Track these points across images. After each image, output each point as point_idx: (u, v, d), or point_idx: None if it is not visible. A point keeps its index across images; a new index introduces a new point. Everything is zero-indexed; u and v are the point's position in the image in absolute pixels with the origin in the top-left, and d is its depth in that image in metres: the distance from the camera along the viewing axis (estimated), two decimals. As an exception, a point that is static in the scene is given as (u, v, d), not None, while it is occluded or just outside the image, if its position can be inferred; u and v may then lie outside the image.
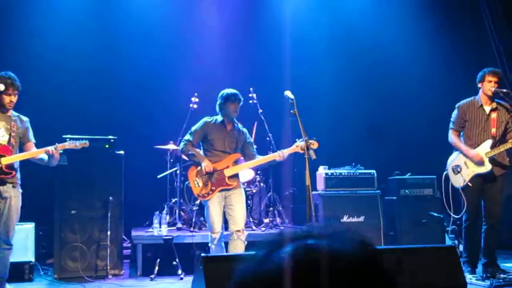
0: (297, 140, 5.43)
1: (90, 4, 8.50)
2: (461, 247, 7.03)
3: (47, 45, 8.02)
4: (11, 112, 5.22)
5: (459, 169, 5.81)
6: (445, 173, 5.99)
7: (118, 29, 8.47)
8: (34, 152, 5.23)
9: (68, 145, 5.38)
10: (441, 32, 9.18)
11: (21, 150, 5.29)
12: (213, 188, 5.48)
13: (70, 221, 6.31)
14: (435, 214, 7.34)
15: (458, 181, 5.82)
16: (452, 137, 5.97)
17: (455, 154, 5.94)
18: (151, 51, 8.55)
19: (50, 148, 5.18)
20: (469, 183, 5.71)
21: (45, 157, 5.25)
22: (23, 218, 6.18)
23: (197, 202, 7.03)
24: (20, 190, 5.21)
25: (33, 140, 5.39)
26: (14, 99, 5.11)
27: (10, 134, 5.12)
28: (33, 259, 6.21)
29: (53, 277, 6.22)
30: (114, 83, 8.30)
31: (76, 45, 8.20)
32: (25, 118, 5.37)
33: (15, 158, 5.11)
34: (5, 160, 5.02)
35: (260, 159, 5.61)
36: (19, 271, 6.08)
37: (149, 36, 8.57)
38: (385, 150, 8.77)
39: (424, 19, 9.28)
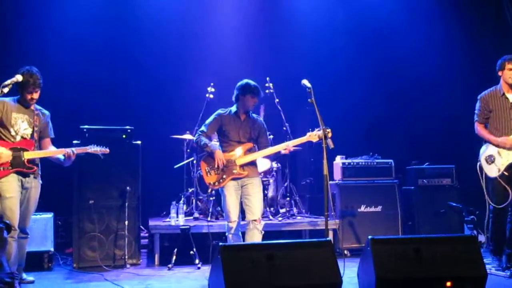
0: (310, 130, 5.41)
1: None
2: (479, 237, 6.97)
3: (65, 37, 8.06)
4: (34, 106, 5.27)
5: (492, 159, 5.72)
6: (478, 163, 5.88)
7: (135, 20, 8.47)
8: (54, 151, 5.30)
9: (89, 149, 5.46)
10: (459, 19, 9.04)
11: (39, 144, 5.33)
12: (224, 176, 5.50)
13: (88, 211, 6.35)
14: (454, 204, 7.27)
15: (492, 170, 5.72)
16: (478, 129, 5.89)
17: (486, 145, 5.85)
18: (168, 42, 8.54)
19: (69, 151, 5.24)
20: (505, 172, 5.62)
21: (62, 157, 5.32)
22: (42, 208, 6.25)
23: (213, 191, 7.04)
24: (40, 181, 5.29)
25: (52, 135, 5.46)
26: (35, 95, 5.16)
27: (33, 128, 5.18)
28: (52, 249, 6.27)
29: (72, 266, 6.28)
30: (131, 74, 8.32)
31: (94, 37, 8.22)
32: (46, 113, 5.43)
33: (36, 154, 5.19)
34: (28, 155, 5.08)
35: (271, 149, 5.62)
36: (39, 260, 6.16)
37: (166, 27, 8.55)
38: (403, 139, 8.69)
39: (440, 7, 9.16)
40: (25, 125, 5.16)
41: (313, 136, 5.33)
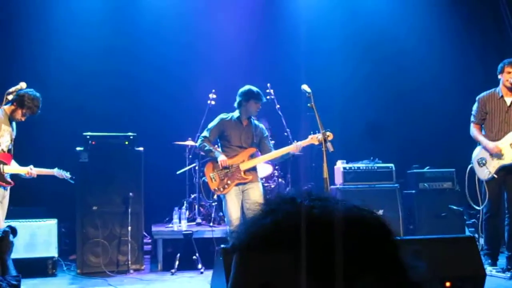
0: (311, 133, 5.48)
1: (106, 6, 8.59)
2: (481, 241, 6.99)
3: (66, 47, 8.12)
4: None
5: (484, 162, 5.77)
6: (470, 166, 5.95)
7: (135, 28, 8.55)
8: (22, 169, 5.34)
9: (55, 173, 5.64)
10: (458, 23, 9.09)
11: None
12: (229, 182, 5.55)
13: (92, 217, 6.41)
14: (455, 207, 7.30)
15: (483, 173, 5.78)
16: (473, 130, 5.93)
17: (479, 148, 5.89)
18: (169, 49, 8.61)
19: (33, 172, 5.32)
20: (495, 175, 5.67)
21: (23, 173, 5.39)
22: (46, 215, 6.32)
23: (215, 197, 7.09)
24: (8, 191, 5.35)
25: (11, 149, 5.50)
26: (23, 119, 5.25)
27: (11, 142, 5.22)
28: (56, 255, 6.31)
29: (76, 272, 6.32)
30: (133, 81, 8.39)
31: (95, 46, 8.28)
32: (15, 127, 5.46)
33: (13, 171, 5.25)
34: (7, 169, 5.11)
35: (275, 152, 5.67)
36: (43, 266, 6.20)
37: (167, 35, 8.62)
38: (404, 143, 8.72)
39: (440, 10, 9.22)
40: (8, 138, 5.19)
41: (315, 138, 5.39)
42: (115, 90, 8.21)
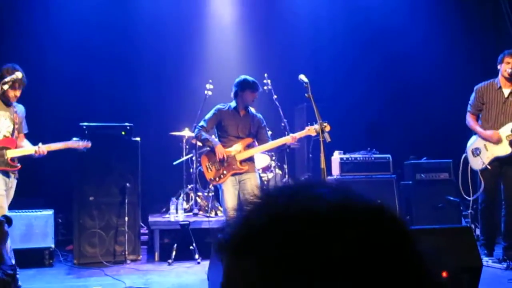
0: (308, 124, 5.48)
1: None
2: (477, 231, 7.01)
3: (63, 35, 8.09)
4: None
5: (478, 152, 5.78)
6: (463, 155, 5.96)
7: (133, 18, 8.51)
8: (30, 149, 5.21)
9: (70, 144, 5.43)
10: (457, 16, 9.07)
11: None
12: (225, 172, 5.55)
13: (88, 207, 6.39)
14: (452, 198, 7.30)
15: (477, 163, 5.79)
16: (469, 120, 5.93)
17: (474, 137, 5.90)
18: (166, 39, 8.58)
19: (41, 150, 5.17)
20: (488, 166, 5.68)
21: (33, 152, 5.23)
22: (43, 205, 6.30)
23: (211, 187, 7.09)
24: (16, 179, 5.23)
25: (26, 130, 5.39)
26: (18, 93, 5.08)
27: (13, 125, 5.15)
28: (52, 245, 6.29)
29: (73, 263, 6.32)
30: (129, 71, 8.36)
31: (92, 35, 8.25)
32: (22, 108, 5.35)
33: (19, 153, 5.11)
34: (11, 153, 5.04)
35: (272, 143, 5.68)
36: (40, 257, 6.19)
37: (163, 23, 8.58)
38: (401, 134, 8.72)
39: (440, 5, 9.19)
40: (8, 123, 5.09)
41: (312, 130, 5.39)
42: (112, 81, 8.18)
